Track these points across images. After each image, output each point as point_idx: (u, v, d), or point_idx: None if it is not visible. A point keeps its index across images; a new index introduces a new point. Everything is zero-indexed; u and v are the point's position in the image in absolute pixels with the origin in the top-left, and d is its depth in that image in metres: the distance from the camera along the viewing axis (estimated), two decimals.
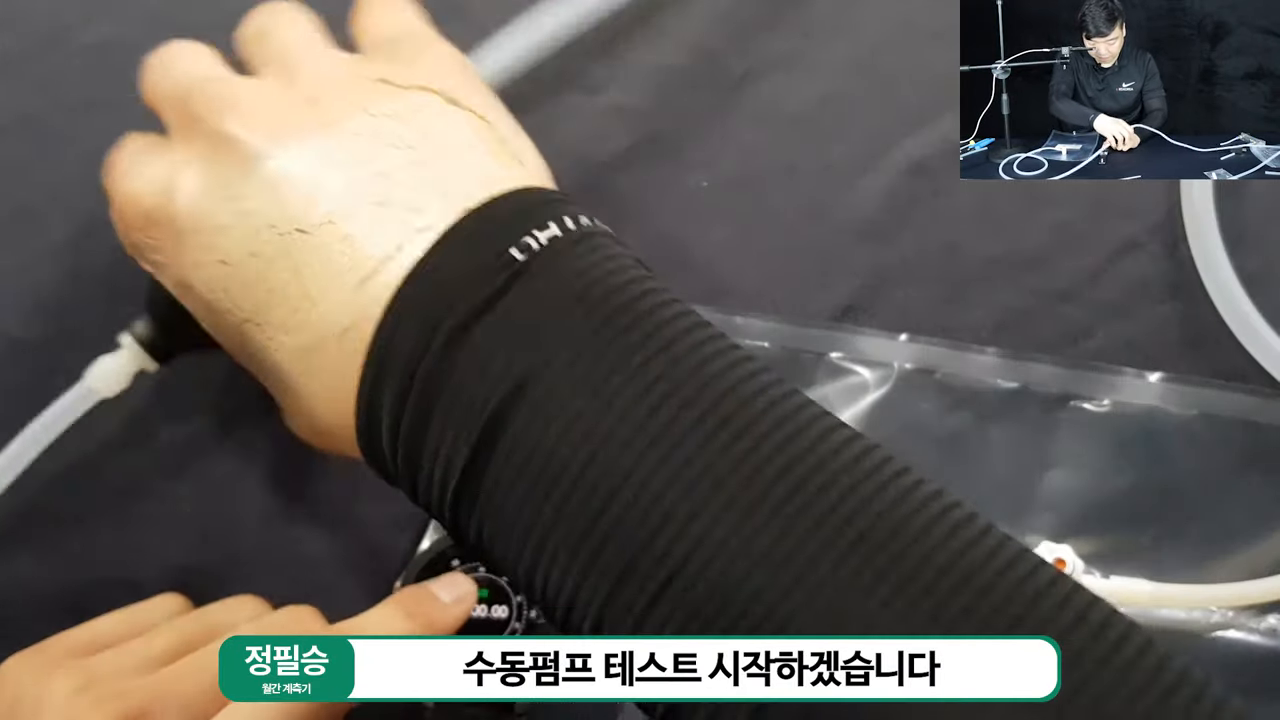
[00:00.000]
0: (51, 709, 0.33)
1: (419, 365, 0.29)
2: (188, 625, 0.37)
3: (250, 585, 0.41)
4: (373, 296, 0.30)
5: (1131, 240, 0.46)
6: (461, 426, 0.29)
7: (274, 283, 0.31)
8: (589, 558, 0.28)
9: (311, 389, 0.32)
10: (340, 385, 0.31)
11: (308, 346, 0.31)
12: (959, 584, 0.26)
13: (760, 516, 0.27)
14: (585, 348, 0.28)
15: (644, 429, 0.27)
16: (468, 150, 0.33)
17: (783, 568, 0.26)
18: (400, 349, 0.29)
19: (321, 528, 0.45)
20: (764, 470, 0.27)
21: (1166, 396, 0.45)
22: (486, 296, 0.29)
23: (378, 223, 0.31)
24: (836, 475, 0.27)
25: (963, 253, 0.46)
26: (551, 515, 0.28)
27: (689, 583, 0.27)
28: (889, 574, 0.26)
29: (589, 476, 0.27)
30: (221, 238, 0.32)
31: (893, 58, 0.47)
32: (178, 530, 0.45)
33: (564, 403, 0.28)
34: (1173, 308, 0.46)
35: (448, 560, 0.42)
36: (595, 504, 0.27)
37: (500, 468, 0.29)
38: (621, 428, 0.27)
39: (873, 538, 0.26)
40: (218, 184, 0.32)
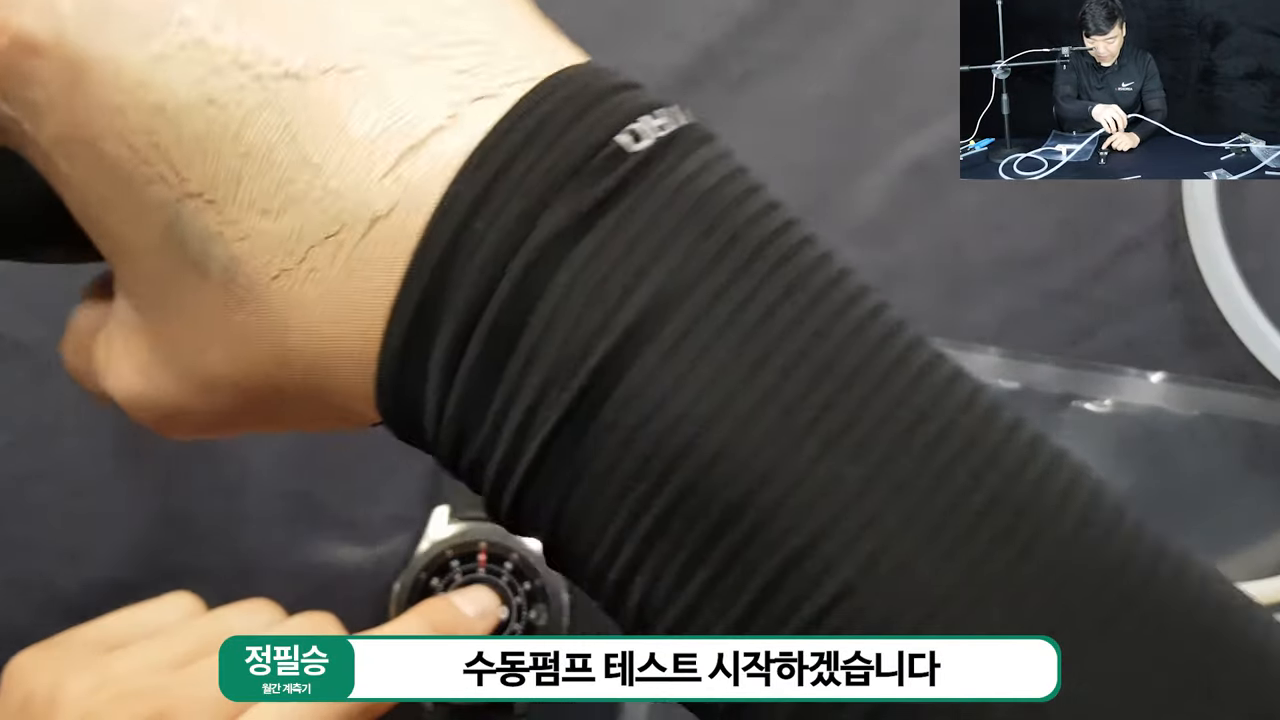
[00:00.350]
0: (68, 705, 0.33)
1: (495, 289, 0.21)
2: (204, 627, 0.37)
3: (250, 586, 0.41)
4: (424, 176, 0.21)
5: (1133, 240, 0.46)
6: (553, 377, 0.21)
7: (252, 142, 0.22)
8: (710, 577, 0.21)
9: (299, 295, 0.23)
10: (354, 296, 0.22)
11: (306, 236, 0.22)
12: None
13: (946, 548, 0.20)
14: (728, 285, 0.21)
15: (795, 410, 0.20)
16: (513, 7, 0.24)
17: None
18: (469, 261, 0.21)
19: (320, 528, 0.45)
20: (952, 490, 0.20)
21: (1168, 396, 0.45)
22: (597, 198, 0.21)
23: (417, 81, 0.22)
24: (1036, 509, 0.21)
25: (963, 253, 0.46)
26: (663, 509, 0.21)
27: (842, 623, 0.20)
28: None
29: (721, 468, 0.20)
30: (157, 73, 0.22)
31: (893, 58, 0.47)
32: (178, 530, 0.45)
33: (696, 359, 0.20)
34: (1174, 308, 0.46)
35: (447, 561, 0.42)
36: (721, 506, 0.20)
37: (601, 438, 0.21)
38: (771, 407, 0.20)
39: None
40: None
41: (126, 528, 0.44)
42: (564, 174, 0.21)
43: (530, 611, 0.42)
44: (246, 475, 0.45)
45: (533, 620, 0.42)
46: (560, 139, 0.21)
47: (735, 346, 0.21)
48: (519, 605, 0.42)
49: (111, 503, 0.45)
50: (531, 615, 0.42)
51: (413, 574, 0.42)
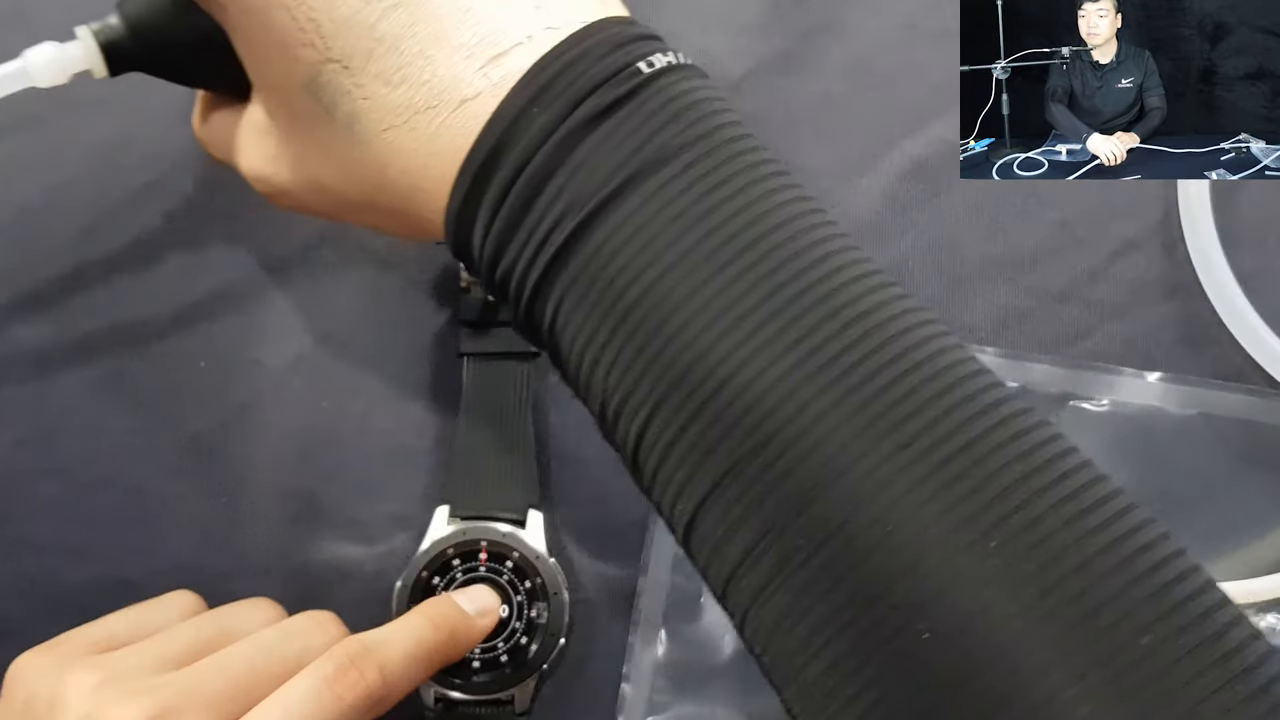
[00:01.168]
0: (70, 704, 0.33)
1: (540, 148, 0.29)
2: (205, 626, 0.37)
3: (250, 585, 0.41)
4: (503, 75, 0.30)
5: (1130, 240, 0.46)
6: (565, 213, 0.29)
7: (384, 31, 0.31)
8: (642, 368, 0.29)
9: (401, 145, 0.31)
10: (440, 149, 0.31)
11: (414, 105, 0.31)
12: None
13: (795, 355, 0.28)
14: (694, 164, 0.29)
15: (715, 264, 0.28)
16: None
17: (803, 398, 0.27)
18: (525, 130, 0.30)
19: (321, 528, 0.45)
20: (820, 316, 0.28)
21: (1165, 396, 0.45)
22: (617, 97, 0.29)
23: (503, 7, 0.31)
24: (893, 337, 0.28)
25: (962, 252, 0.46)
26: (615, 321, 0.29)
27: (721, 410, 0.28)
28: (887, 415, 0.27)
29: (659, 290, 0.28)
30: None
31: (893, 58, 0.47)
32: (178, 530, 0.45)
33: (659, 211, 0.29)
34: (1171, 307, 0.46)
35: (448, 560, 0.42)
36: (655, 320, 0.28)
37: (588, 259, 0.29)
38: (695, 257, 0.28)
39: (878, 365, 0.27)
40: None
41: (128, 527, 0.44)
42: (596, 83, 0.30)
43: (531, 610, 0.42)
44: (246, 475, 0.45)
45: (533, 618, 0.42)
46: (597, 62, 0.30)
47: (692, 203, 0.29)
48: (520, 603, 0.42)
49: (113, 502, 0.44)
50: (532, 614, 0.42)
51: (414, 573, 0.42)
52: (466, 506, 0.43)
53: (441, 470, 0.45)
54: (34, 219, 0.46)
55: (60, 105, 0.46)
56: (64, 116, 0.46)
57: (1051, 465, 0.27)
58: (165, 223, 0.46)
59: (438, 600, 0.41)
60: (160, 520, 0.44)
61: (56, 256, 0.46)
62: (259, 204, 0.46)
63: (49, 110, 0.46)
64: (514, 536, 0.43)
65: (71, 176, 0.46)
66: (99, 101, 0.44)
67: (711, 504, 0.28)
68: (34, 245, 0.46)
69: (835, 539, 0.27)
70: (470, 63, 0.30)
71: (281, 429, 0.45)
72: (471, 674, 0.42)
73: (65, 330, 0.45)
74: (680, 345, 0.28)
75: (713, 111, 0.30)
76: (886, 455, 0.26)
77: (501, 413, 0.44)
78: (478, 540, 0.43)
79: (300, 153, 0.34)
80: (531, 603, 0.42)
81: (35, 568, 0.44)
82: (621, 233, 0.29)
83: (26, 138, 0.46)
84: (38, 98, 0.46)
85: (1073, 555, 0.26)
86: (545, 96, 0.30)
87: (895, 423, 0.27)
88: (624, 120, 0.30)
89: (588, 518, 0.45)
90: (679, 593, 0.45)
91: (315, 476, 0.45)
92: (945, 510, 0.26)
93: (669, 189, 0.29)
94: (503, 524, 0.43)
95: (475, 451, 0.44)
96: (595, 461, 0.45)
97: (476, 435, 0.44)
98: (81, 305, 0.45)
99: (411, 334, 0.46)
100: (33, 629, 0.37)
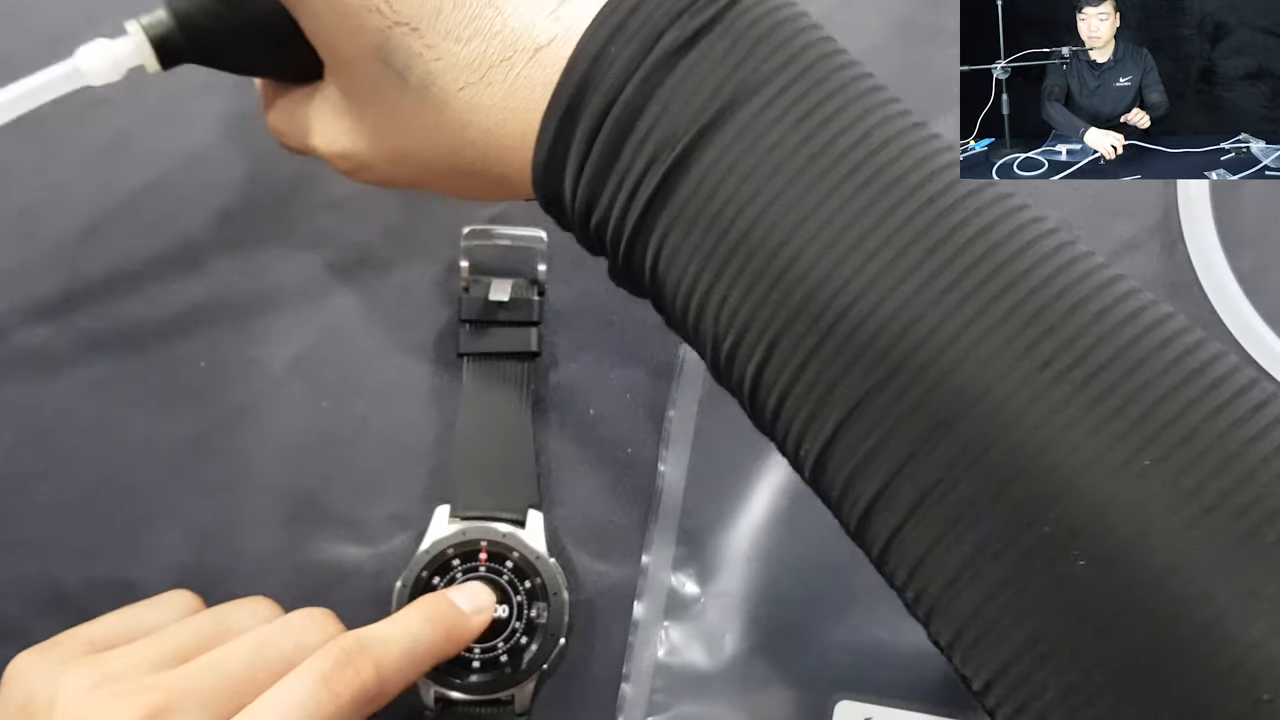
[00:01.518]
0: (67, 704, 0.33)
1: (623, 89, 0.28)
2: (202, 624, 0.37)
3: (250, 586, 0.41)
4: (575, 17, 0.29)
5: (1130, 240, 0.46)
6: (658, 151, 0.28)
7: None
8: (755, 304, 0.28)
9: (479, 102, 0.31)
10: (519, 102, 0.30)
11: (488, 59, 0.30)
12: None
13: (918, 278, 0.26)
14: (789, 88, 0.28)
15: (822, 190, 0.27)
16: None
17: (931, 322, 0.26)
18: (606, 72, 0.29)
19: (321, 528, 0.45)
20: (952, 246, 0.27)
21: None
22: (695, 29, 0.28)
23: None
24: (1019, 251, 0.27)
25: None
26: (722, 257, 0.28)
27: (843, 340, 0.27)
28: (1043, 340, 0.26)
29: (765, 221, 0.27)
30: None
31: (893, 58, 0.47)
32: (178, 530, 0.45)
33: (758, 139, 0.28)
34: (1171, 307, 0.46)
35: (448, 560, 0.42)
36: (765, 253, 0.27)
37: (688, 197, 0.28)
38: (801, 185, 0.27)
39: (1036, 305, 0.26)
40: None
41: (127, 527, 0.44)
42: (674, 14, 0.28)
43: (531, 610, 0.42)
44: (246, 475, 0.45)
45: (533, 619, 0.42)
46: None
47: (790, 128, 0.28)
48: (520, 603, 0.42)
49: (113, 502, 0.44)
50: (532, 614, 0.42)
51: (414, 573, 0.42)
52: (466, 506, 0.43)
53: (441, 470, 0.45)
54: (34, 219, 0.46)
55: (60, 105, 0.46)
56: (64, 116, 0.46)
57: (1202, 373, 0.25)
58: (165, 223, 0.46)
59: (433, 597, 0.41)
60: (160, 520, 0.44)
61: (56, 256, 0.46)
62: (259, 204, 0.46)
63: (49, 110, 0.46)
64: (514, 536, 0.43)
65: (71, 176, 0.46)
66: (99, 101, 0.44)
67: (839, 441, 0.27)
68: (34, 245, 0.46)
69: (977, 467, 0.26)
70: (540, 7, 0.30)
71: (281, 429, 0.45)
72: (471, 674, 0.42)
73: (65, 330, 0.45)
74: (795, 276, 0.27)
75: (799, 30, 0.29)
76: (1026, 376, 0.25)
77: (501, 413, 0.44)
78: (478, 540, 0.43)
79: (377, 124, 0.34)
80: (531, 603, 0.42)
81: (35, 568, 0.44)
82: (720, 165, 0.28)
83: (27, 138, 0.46)
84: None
85: (1233, 468, 0.24)
86: (622, 33, 0.29)
87: (1033, 341, 0.26)
88: (709, 49, 0.28)
89: (588, 518, 0.45)
90: (679, 593, 0.45)
91: (315, 476, 0.45)
92: (1094, 429, 0.25)
93: (764, 116, 0.28)
94: (503, 524, 0.43)
95: (475, 451, 0.44)
96: (595, 461, 0.45)
97: (476, 435, 0.44)
98: (81, 305, 0.45)
99: (411, 334, 0.46)
100: (33, 629, 0.37)
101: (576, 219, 0.31)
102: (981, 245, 0.26)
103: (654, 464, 0.46)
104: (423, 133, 0.32)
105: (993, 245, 0.26)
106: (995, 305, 0.26)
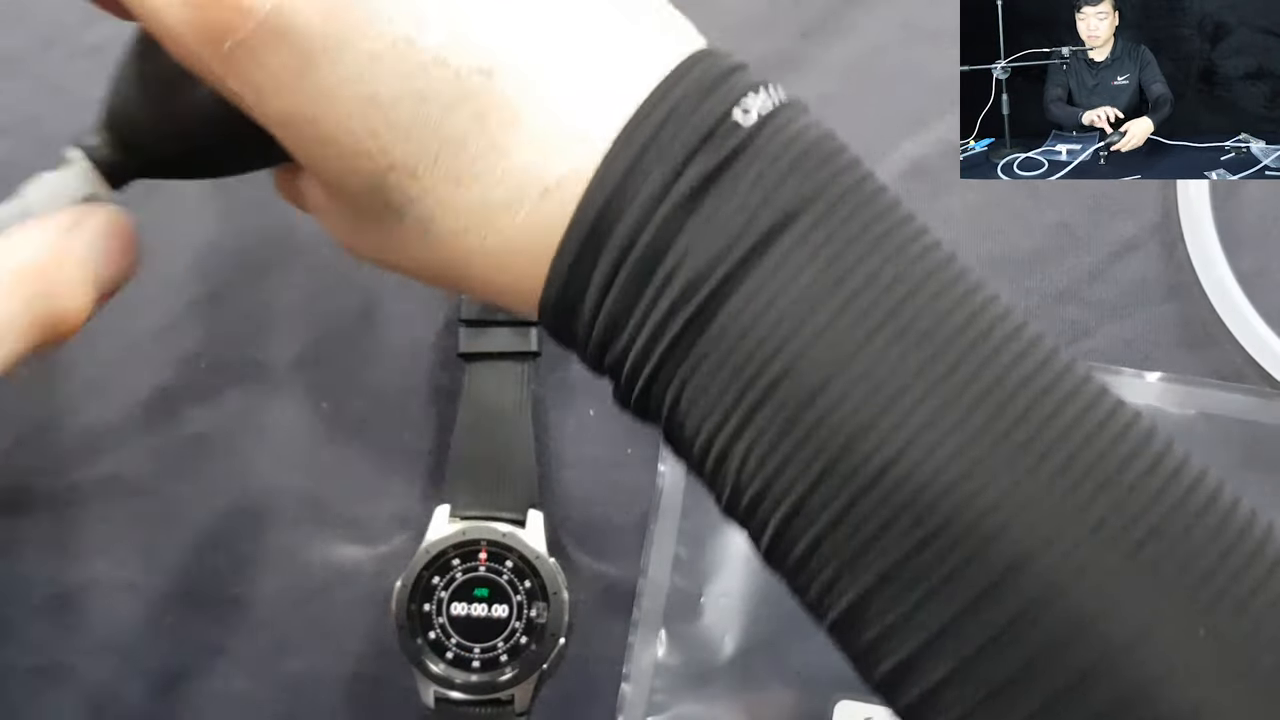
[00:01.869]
0: None
1: (642, 231, 0.26)
2: None
3: (250, 586, 0.41)
4: (587, 153, 0.27)
5: (1130, 240, 0.46)
6: (683, 294, 0.27)
7: (449, 132, 0.27)
8: (786, 453, 0.26)
9: (482, 245, 0.28)
10: (526, 244, 0.28)
11: (491, 204, 0.28)
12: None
13: (963, 434, 0.25)
14: (820, 224, 0.26)
15: (861, 334, 0.26)
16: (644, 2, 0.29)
17: (977, 483, 0.25)
18: (624, 213, 0.27)
19: (321, 528, 0.45)
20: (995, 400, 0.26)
21: (1165, 396, 0.45)
22: (722, 158, 0.26)
23: (579, 73, 0.27)
24: (1048, 388, 0.26)
25: (962, 253, 0.46)
26: (751, 403, 0.26)
27: (883, 497, 0.25)
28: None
29: (803, 366, 0.26)
30: (373, 68, 0.27)
31: (893, 58, 0.47)
32: (178, 530, 0.45)
33: (790, 281, 0.26)
34: (1172, 308, 0.46)
35: (448, 560, 0.42)
36: (799, 399, 0.26)
37: (716, 338, 0.27)
38: (840, 327, 0.26)
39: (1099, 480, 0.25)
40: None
41: (126, 527, 0.44)
42: (694, 146, 0.26)
43: (531, 610, 0.42)
44: (246, 475, 0.45)
45: (533, 618, 0.42)
46: (690, 118, 0.27)
47: (824, 267, 0.26)
48: (519, 603, 0.42)
49: (113, 502, 0.44)
50: (532, 613, 0.42)
51: (414, 573, 0.42)
52: (466, 506, 0.43)
53: (441, 470, 0.45)
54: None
55: (60, 105, 0.46)
56: (64, 116, 0.46)
57: (1243, 539, 0.26)
58: (165, 222, 0.46)
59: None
60: (160, 520, 0.44)
61: None
62: (258, 204, 0.46)
63: (49, 110, 0.46)
64: (514, 536, 0.43)
65: None
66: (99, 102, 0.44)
67: (873, 599, 0.26)
68: None
69: (1027, 637, 0.25)
70: (547, 143, 0.27)
71: (281, 429, 0.45)
72: (471, 674, 0.42)
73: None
74: (830, 428, 0.26)
75: (828, 155, 0.27)
76: (1077, 540, 0.25)
77: (501, 413, 0.44)
78: (478, 540, 0.43)
79: (378, 242, 0.31)
80: (531, 603, 0.42)
81: (35, 568, 0.44)
82: (751, 309, 0.26)
83: (26, 137, 0.46)
84: (37, 97, 0.46)
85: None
86: (639, 169, 0.27)
87: (1082, 503, 0.25)
88: (734, 183, 0.27)
89: (588, 518, 0.45)
90: (679, 593, 0.45)
91: (316, 476, 0.45)
92: (1155, 604, 0.25)
93: (798, 254, 0.26)
94: (502, 524, 0.43)
95: (475, 451, 0.44)
96: (595, 461, 0.45)
97: (476, 435, 0.44)
98: None
99: (411, 334, 0.46)
100: (33, 629, 0.37)
101: (589, 356, 0.29)
102: (1025, 397, 0.26)
103: (654, 464, 0.46)
104: (423, 265, 0.30)
105: (1036, 397, 0.26)
106: (1044, 465, 0.25)
